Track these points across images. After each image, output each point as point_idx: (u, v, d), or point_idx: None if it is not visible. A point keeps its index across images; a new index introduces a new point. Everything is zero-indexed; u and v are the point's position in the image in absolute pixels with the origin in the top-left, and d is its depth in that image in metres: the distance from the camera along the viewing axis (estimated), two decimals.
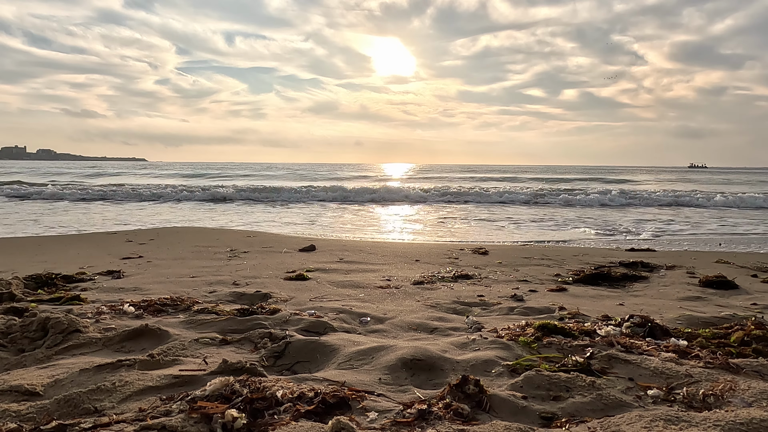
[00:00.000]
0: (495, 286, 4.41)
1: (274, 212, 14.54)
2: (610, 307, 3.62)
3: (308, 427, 1.69)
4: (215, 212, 14.36)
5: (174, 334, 2.69)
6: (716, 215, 14.52)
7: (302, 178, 39.48)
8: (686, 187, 31.14)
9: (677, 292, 4.17)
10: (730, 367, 2.23)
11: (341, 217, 13.07)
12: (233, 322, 2.92)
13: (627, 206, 17.72)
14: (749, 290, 4.27)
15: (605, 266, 5.24)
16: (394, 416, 1.81)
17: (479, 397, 1.89)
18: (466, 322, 3.07)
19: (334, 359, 2.42)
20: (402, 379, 2.19)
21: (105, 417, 1.76)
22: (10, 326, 2.66)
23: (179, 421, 1.67)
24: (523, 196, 20.05)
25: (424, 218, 13.14)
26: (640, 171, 75.54)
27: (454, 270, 5.06)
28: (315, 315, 3.13)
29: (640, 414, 1.75)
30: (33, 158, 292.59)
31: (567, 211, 15.53)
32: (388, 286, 4.27)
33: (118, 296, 3.73)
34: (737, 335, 2.63)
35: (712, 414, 1.73)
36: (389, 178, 40.61)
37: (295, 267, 5.17)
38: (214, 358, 2.35)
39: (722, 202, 18.15)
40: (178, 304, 3.38)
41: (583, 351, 2.42)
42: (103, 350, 2.55)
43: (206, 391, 1.85)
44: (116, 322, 2.94)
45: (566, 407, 1.88)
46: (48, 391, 2.00)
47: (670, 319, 3.16)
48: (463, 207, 17.20)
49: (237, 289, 3.99)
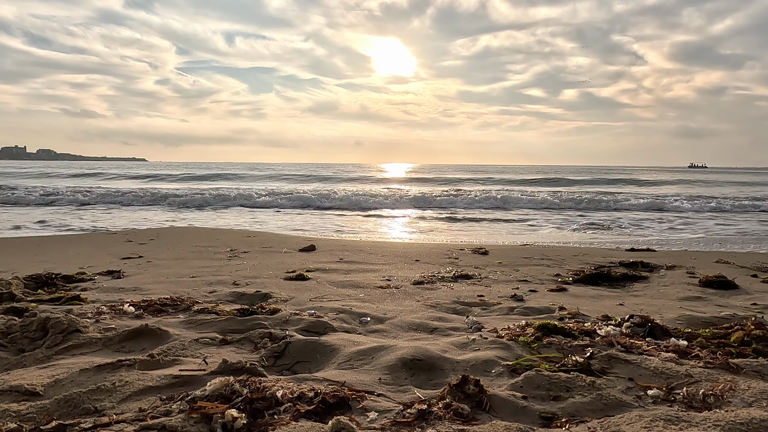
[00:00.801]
0: (495, 286, 4.41)
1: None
2: (610, 307, 3.62)
3: (308, 427, 1.69)
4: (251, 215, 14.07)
5: (174, 334, 2.69)
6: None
7: (327, 180, 36.60)
8: (691, 188, 30.67)
9: (677, 292, 4.17)
10: (730, 367, 2.23)
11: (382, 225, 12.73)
12: (233, 322, 2.92)
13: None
14: (749, 290, 4.27)
15: (605, 266, 5.24)
16: (394, 416, 1.81)
17: (479, 397, 1.89)
18: (466, 322, 3.07)
19: (334, 359, 2.42)
20: (402, 379, 2.19)
21: (105, 417, 1.76)
22: (10, 326, 2.66)
23: (179, 421, 1.67)
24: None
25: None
26: (641, 171, 74.83)
27: (454, 270, 5.06)
28: (315, 315, 3.13)
29: (640, 414, 1.75)
30: (33, 158, 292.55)
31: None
32: (388, 286, 4.27)
33: (118, 296, 3.73)
34: (737, 335, 2.63)
35: (712, 414, 1.73)
36: (391, 179, 38.43)
37: (295, 267, 5.17)
38: (214, 358, 2.35)
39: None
40: (178, 304, 3.38)
41: (583, 351, 2.42)
42: (103, 350, 2.55)
43: (206, 391, 1.85)
44: (116, 322, 2.93)
45: (566, 407, 1.88)
46: (48, 391, 2.00)
47: (670, 319, 3.16)
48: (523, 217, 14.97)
49: (237, 289, 3.99)
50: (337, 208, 16.63)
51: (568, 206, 17.65)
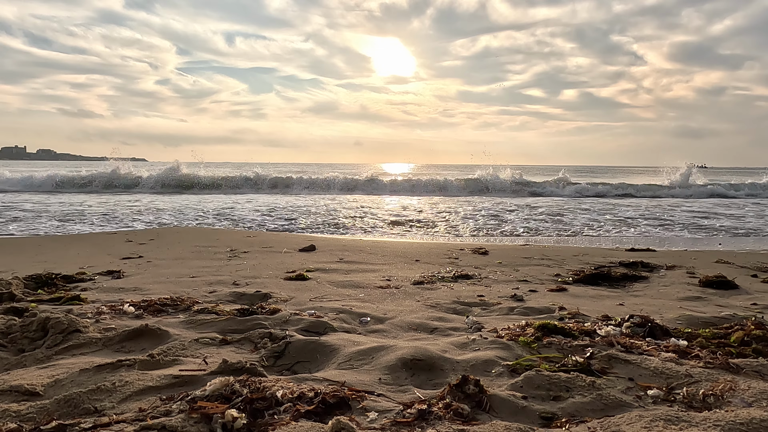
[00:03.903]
0: (495, 286, 4.41)
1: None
2: (610, 307, 3.62)
3: (308, 427, 1.69)
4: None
5: (174, 334, 2.69)
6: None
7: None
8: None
9: (677, 292, 4.17)
10: (730, 367, 2.23)
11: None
12: (233, 322, 2.92)
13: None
14: (749, 290, 4.27)
15: (605, 266, 5.24)
16: (394, 416, 1.81)
17: (479, 397, 1.89)
18: (466, 322, 3.07)
19: (334, 359, 2.42)
20: (402, 379, 2.19)
21: (105, 417, 1.76)
22: (10, 326, 2.66)
23: (179, 421, 1.67)
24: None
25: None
26: (640, 171, 73.81)
27: (454, 270, 5.06)
28: (315, 315, 3.13)
29: (640, 414, 1.75)
30: (33, 158, 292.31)
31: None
32: (388, 286, 4.27)
33: (118, 296, 3.73)
34: (737, 335, 2.63)
35: (712, 414, 1.73)
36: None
37: (295, 267, 5.17)
38: (214, 358, 2.35)
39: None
40: (178, 304, 3.38)
41: (583, 351, 2.42)
42: (103, 350, 2.55)
43: (206, 391, 1.85)
44: (116, 322, 2.94)
45: (566, 407, 1.88)
46: (48, 391, 2.00)
47: (670, 319, 3.16)
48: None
49: (237, 289, 3.99)
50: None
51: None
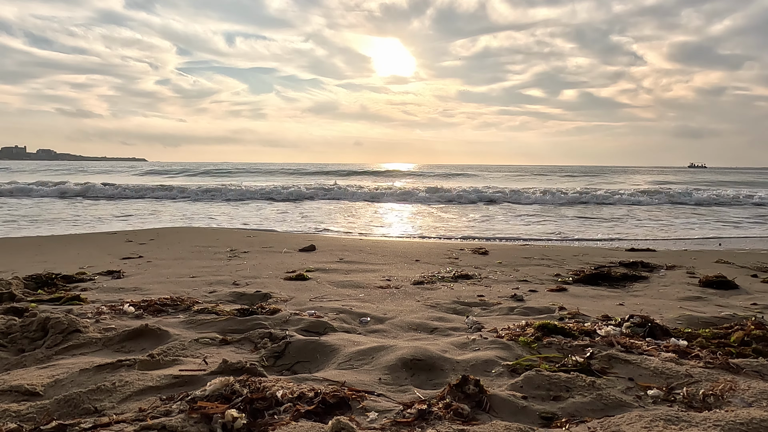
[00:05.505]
0: (495, 286, 4.41)
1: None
2: (610, 307, 3.62)
3: (308, 427, 1.69)
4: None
5: (174, 334, 2.69)
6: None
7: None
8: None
9: (677, 292, 4.17)
10: (730, 367, 2.23)
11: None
12: (233, 322, 2.92)
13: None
14: (749, 290, 4.27)
15: (605, 266, 5.24)
16: (394, 416, 1.81)
17: (479, 397, 1.89)
18: (466, 322, 3.07)
19: (334, 359, 2.42)
20: (402, 379, 2.19)
21: (105, 417, 1.75)
22: (10, 326, 2.66)
23: (179, 421, 1.67)
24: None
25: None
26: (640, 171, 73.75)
27: (454, 270, 5.06)
28: (315, 315, 3.13)
29: (640, 414, 1.75)
30: (33, 158, 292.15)
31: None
32: (388, 286, 4.27)
33: (118, 296, 3.73)
34: (737, 335, 2.63)
35: (712, 414, 1.73)
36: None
37: (295, 267, 5.17)
38: (214, 358, 2.35)
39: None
40: (178, 304, 3.38)
41: (583, 351, 2.42)
42: (103, 350, 2.55)
43: (206, 391, 1.85)
44: (116, 322, 2.93)
45: (566, 407, 1.88)
46: (48, 391, 2.00)
47: (670, 319, 3.16)
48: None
49: (237, 289, 3.99)
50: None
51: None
